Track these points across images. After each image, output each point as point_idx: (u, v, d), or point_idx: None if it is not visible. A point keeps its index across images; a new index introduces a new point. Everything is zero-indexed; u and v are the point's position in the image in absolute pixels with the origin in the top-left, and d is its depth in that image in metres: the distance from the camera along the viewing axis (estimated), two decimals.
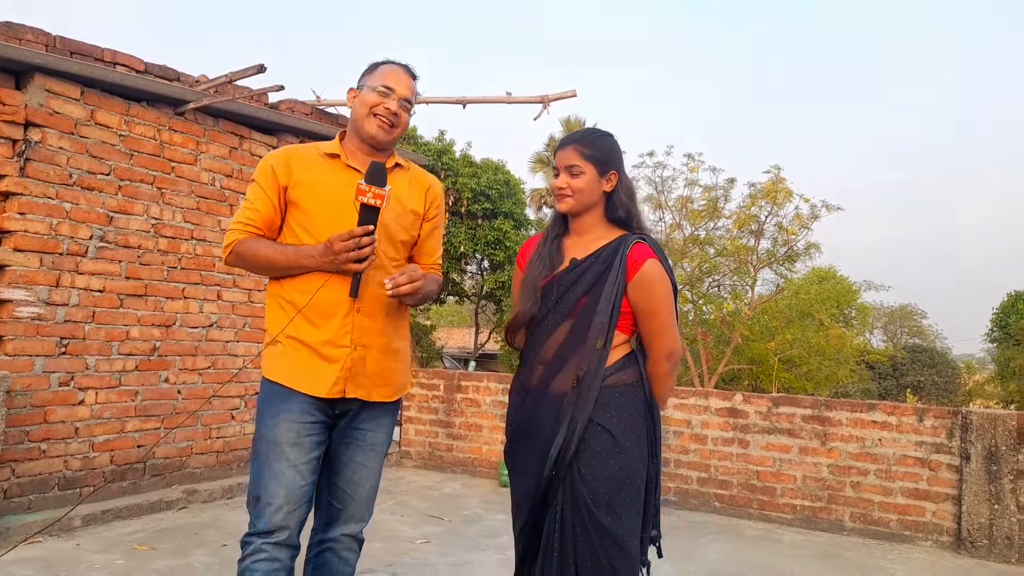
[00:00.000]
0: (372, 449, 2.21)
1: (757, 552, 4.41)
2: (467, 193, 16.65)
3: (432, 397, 6.69)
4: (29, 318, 4.20)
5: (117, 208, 4.65)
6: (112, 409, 4.62)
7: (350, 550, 2.24)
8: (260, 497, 2.03)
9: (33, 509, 4.20)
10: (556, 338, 2.09)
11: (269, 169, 2.14)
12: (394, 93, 2.16)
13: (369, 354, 2.14)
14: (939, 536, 4.70)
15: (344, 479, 2.19)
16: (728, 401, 5.41)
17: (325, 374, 2.08)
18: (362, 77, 2.23)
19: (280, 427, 2.05)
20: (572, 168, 2.14)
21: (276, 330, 2.13)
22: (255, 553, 2.02)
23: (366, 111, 2.15)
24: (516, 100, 5.36)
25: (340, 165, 2.18)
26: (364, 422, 2.19)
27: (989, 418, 4.61)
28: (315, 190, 2.13)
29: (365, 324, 2.13)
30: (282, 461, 2.03)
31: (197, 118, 5.12)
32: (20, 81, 4.24)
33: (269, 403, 2.09)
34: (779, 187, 14.74)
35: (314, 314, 2.09)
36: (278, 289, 2.16)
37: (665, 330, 2.09)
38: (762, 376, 17.41)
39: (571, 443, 2.00)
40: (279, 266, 2.11)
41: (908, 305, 37.33)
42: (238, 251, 2.12)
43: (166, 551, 3.87)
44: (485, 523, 4.79)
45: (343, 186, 2.11)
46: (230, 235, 2.14)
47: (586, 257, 2.13)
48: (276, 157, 2.17)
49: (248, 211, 2.15)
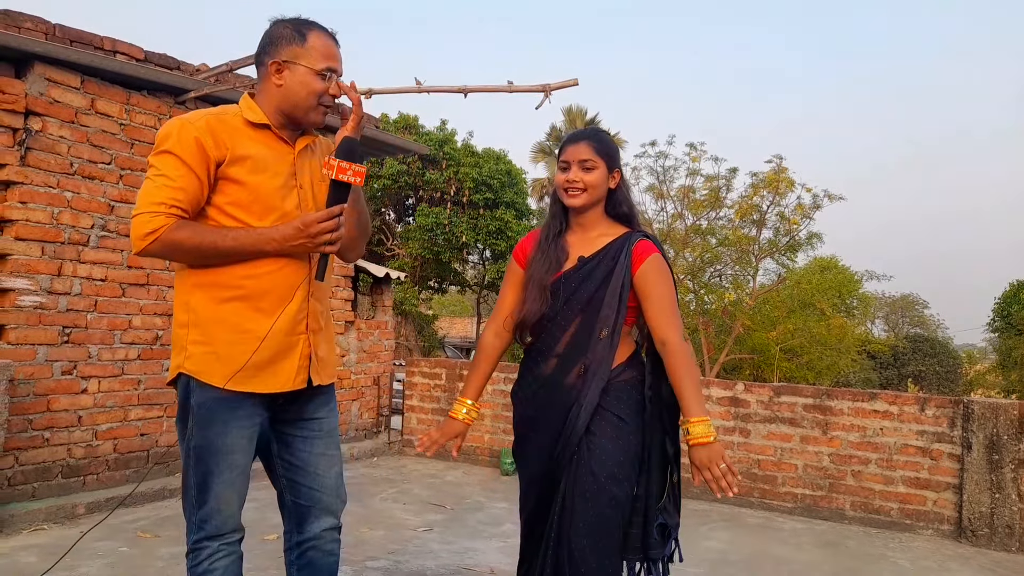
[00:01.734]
0: (330, 436, 2.12)
1: (758, 540, 4.43)
2: (469, 183, 16.61)
3: (434, 386, 6.70)
4: (31, 307, 4.20)
5: (118, 197, 4.64)
6: (115, 398, 4.64)
7: (332, 542, 2.14)
8: (208, 504, 1.91)
9: (37, 497, 4.22)
10: (568, 333, 2.16)
11: (193, 141, 1.84)
12: (335, 74, 1.96)
13: (319, 338, 2.04)
14: (940, 525, 4.71)
15: (308, 476, 2.07)
16: (729, 390, 5.41)
17: (286, 366, 1.95)
18: (285, 47, 1.92)
19: (232, 436, 1.90)
20: (586, 162, 2.16)
21: (219, 325, 1.90)
22: (214, 554, 1.92)
23: (313, 100, 1.93)
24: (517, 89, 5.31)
25: (272, 137, 1.96)
26: (316, 410, 2.08)
27: (991, 407, 4.60)
28: (258, 166, 1.91)
29: (316, 308, 2.03)
30: (233, 469, 1.92)
31: (198, 107, 5.11)
32: (20, 70, 4.22)
33: (215, 411, 1.89)
34: (781, 176, 14.69)
35: (266, 302, 1.91)
36: (212, 278, 1.90)
37: (676, 314, 2.15)
38: (763, 365, 17.40)
39: (581, 422, 2.08)
40: (224, 253, 1.85)
41: (910, 295, 37.30)
42: (169, 239, 1.80)
43: (170, 539, 3.89)
44: (487, 511, 4.80)
45: (282, 162, 1.97)
46: (152, 220, 1.79)
47: (593, 254, 2.19)
48: (197, 127, 1.86)
49: (170, 190, 1.81)
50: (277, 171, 1.95)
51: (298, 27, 1.95)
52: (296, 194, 1.98)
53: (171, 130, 1.87)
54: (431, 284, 19.52)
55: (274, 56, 1.93)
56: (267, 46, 1.96)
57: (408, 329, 15.95)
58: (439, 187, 16.92)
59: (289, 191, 1.96)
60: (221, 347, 1.89)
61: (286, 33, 1.94)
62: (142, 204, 1.82)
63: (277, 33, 1.95)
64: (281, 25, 1.96)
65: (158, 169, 1.85)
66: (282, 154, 1.97)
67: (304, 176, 2.02)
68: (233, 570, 1.98)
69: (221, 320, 1.90)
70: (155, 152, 1.88)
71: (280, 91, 1.94)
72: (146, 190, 1.84)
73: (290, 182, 1.97)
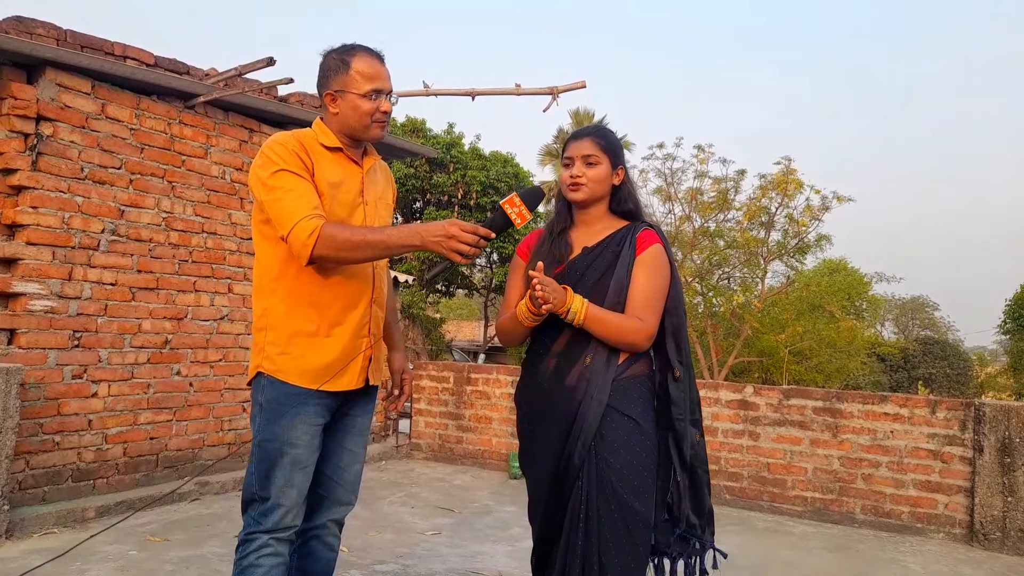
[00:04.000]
0: (360, 434, 2.25)
1: (768, 544, 4.40)
2: (476, 186, 16.64)
3: (442, 390, 6.70)
4: (42, 311, 4.23)
5: (128, 202, 4.67)
6: (125, 402, 4.66)
7: (334, 535, 2.25)
8: (270, 499, 2.01)
9: (47, 500, 4.24)
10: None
11: (294, 155, 2.00)
12: (383, 94, 2.08)
13: (377, 341, 2.21)
14: (951, 528, 4.68)
15: (331, 466, 2.18)
16: (739, 393, 5.39)
17: (352, 367, 2.10)
18: (333, 77, 2.08)
19: (298, 430, 2.03)
20: (589, 158, 2.16)
21: (295, 329, 2.05)
22: (262, 548, 2.00)
23: (366, 120, 2.07)
24: (525, 92, 5.32)
25: (344, 159, 2.13)
26: (353, 408, 2.20)
27: (1003, 410, 4.57)
28: (335, 185, 2.07)
29: (378, 314, 2.20)
30: (296, 464, 2.02)
31: (207, 111, 5.14)
32: (32, 75, 4.25)
33: (285, 405, 2.03)
34: (789, 178, 14.63)
35: (336, 308, 2.07)
36: (288, 285, 2.05)
37: (655, 309, 2.09)
38: (772, 368, 17.32)
39: (589, 422, 2.03)
40: (374, 245, 1.93)
41: (920, 297, 37.11)
42: (328, 236, 1.90)
43: (179, 542, 3.90)
44: (495, 515, 4.80)
45: (353, 180, 2.13)
46: (307, 225, 1.90)
47: (597, 244, 2.18)
48: (291, 144, 2.02)
49: (303, 197, 1.95)
50: (349, 188, 2.11)
51: (342, 56, 2.09)
52: (363, 210, 2.14)
53: (271, 153, 2.01)
54: (438, 287, 19.54)
55: (327, 87, 2.10)
56: (321, 79, 2.12)
57: (415, 332, 15.97)
58: (446, 190, 16.95)
59: (357, 207, 2.12)
60: (296, 349, 2.05)
61: (333, 64, 2.09)
62: (289, 219, 1.93)
63: (326, 65, 2.11)
64: (329, 57, 2.12)
65: (282, 187, 1.97)
66: (353, 173, 2.14)
67: (370, 194, 2.19)
68: (277, 574, 2.02)
69: (296, 324, 2.05)
70: (269, 175, 1.99)
71: (338, 118, 2.10)
72: (283, 207, 1.95)
73: (358, 199, 2.13)
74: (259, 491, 2.02)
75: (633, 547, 2.01)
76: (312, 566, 2.22)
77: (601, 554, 1.98)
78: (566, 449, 2.06)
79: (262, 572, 1.99)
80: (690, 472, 2.15)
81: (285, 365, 2.04)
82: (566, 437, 2.06)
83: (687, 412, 2.14)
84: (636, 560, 2.02)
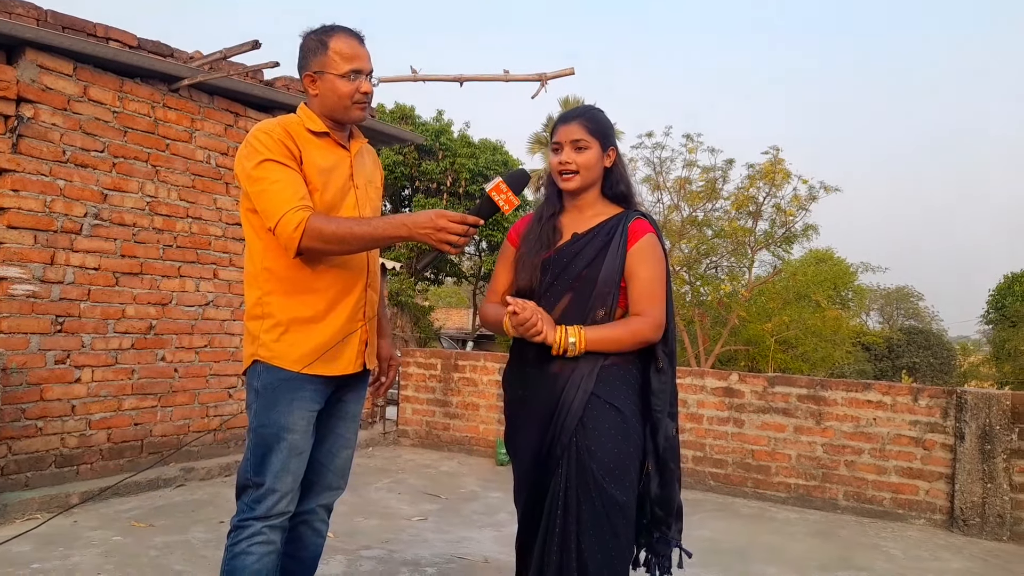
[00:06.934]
0: (352, 420, 2.24)
1: (752, 529, 4.44)
2: (465, 173, 16.60)
3: (430, 376, 6.70)
4: (24, 296, 4.18)
5: (111, 185, 4.61)
6: (108, 387, 4.62)
7: (322, 521, 2.25)
8: (265, 485, 2.00)
9: (30, 486, 4.21)
10: (558, 310, 2.08)
11: (279, 143, 1.97)
12: (362, 74, 2.04)
13: (372, 325, 2.19)
14: (932, 514, 4.74)
15: (322, 451, 2.17)
16: (724, 380, 5.42)
17: (347, 351, 2.09)
18: (313, 59, 2.04)
19: (294, 416, 2.02)
20: (578, 142, 2.10)
21: (292, 316, 2.03)
22: (254, 536, 1.99)
23: (346, 102, 2.03)
24: (514, 78, 5.30)
25: (331, 143, 2.10)
26: (346, 394, 2.19)
27: (984, 398, 4.62)
28: (324, 171, 2.03)
29: (372, 298, 2.19)
30: (292, 449, 2.02)
31: (192, 95, 5.07)
32: (11, 56, 4.19)
33: (281, 391, 2.01)
34: (777, 168, 14.68)
35: (331, 293, 2.05)
36: (282, 273, 2.02)
37: (660, 299, 2.08)
38: (758, 357, 17.43)
39: (573, 410, 2.01)
40: (361, 237, 1.92)
41: (905, 287, 37.42)
42: (313, 228, 1.88)
43: (164, 528, 3.89)
44: (482, 501, 4.81)
45: (342, 164, 2.10)
46: (293, 217, 1.88)
47: (588, 231, 2.13)
48: (277, 132, 1.99)
49: (289, 188, 1.93)
50: (339, 173, 2.09)
51: (320, 37, 2.05)
52: (353, 194, 2.12)
53: (255, 143, 1.98)
54: (427, 275, 19.50)
55: (306, 69, 2.07)
56: (301, 60, 2.09)
57: (404, 320, 15.95)
58: (435, 177, 16.89)
59: (348, 191, 2.10)
60: (293, 335, 2.03)
61: (312, 45, 2.06)
62: (276, 210, 1.91)
63: (305, 47, 2.07)
64: (308, 38, 2.08)
65: (267, 178, 1.94)
66: (341, 158, 2.11)
67: (360, 177, 2.16)
68: (268, 562, 2.01)
69: (293, 311, 2.03)
70: (254, 166, 1.96)
71: (318, 99, 2.07)
72: (270, 199, 1.93)
73: (348, 183, 2.11)
74: (253, 477, 2.01)
75: (613, 535, 1.98)
76: (300, 551, 2.22)
77: (580, 538, 1.97)
78: (548, 434, 2.04)
79: (253, 560, 1.99)
80: (661, 465, 2.11)
81: (282, 351, 2.02)
82: (549, 422, 2.04)
83: (666, 404, 2.10)
84: (617, 549, 1.99)
